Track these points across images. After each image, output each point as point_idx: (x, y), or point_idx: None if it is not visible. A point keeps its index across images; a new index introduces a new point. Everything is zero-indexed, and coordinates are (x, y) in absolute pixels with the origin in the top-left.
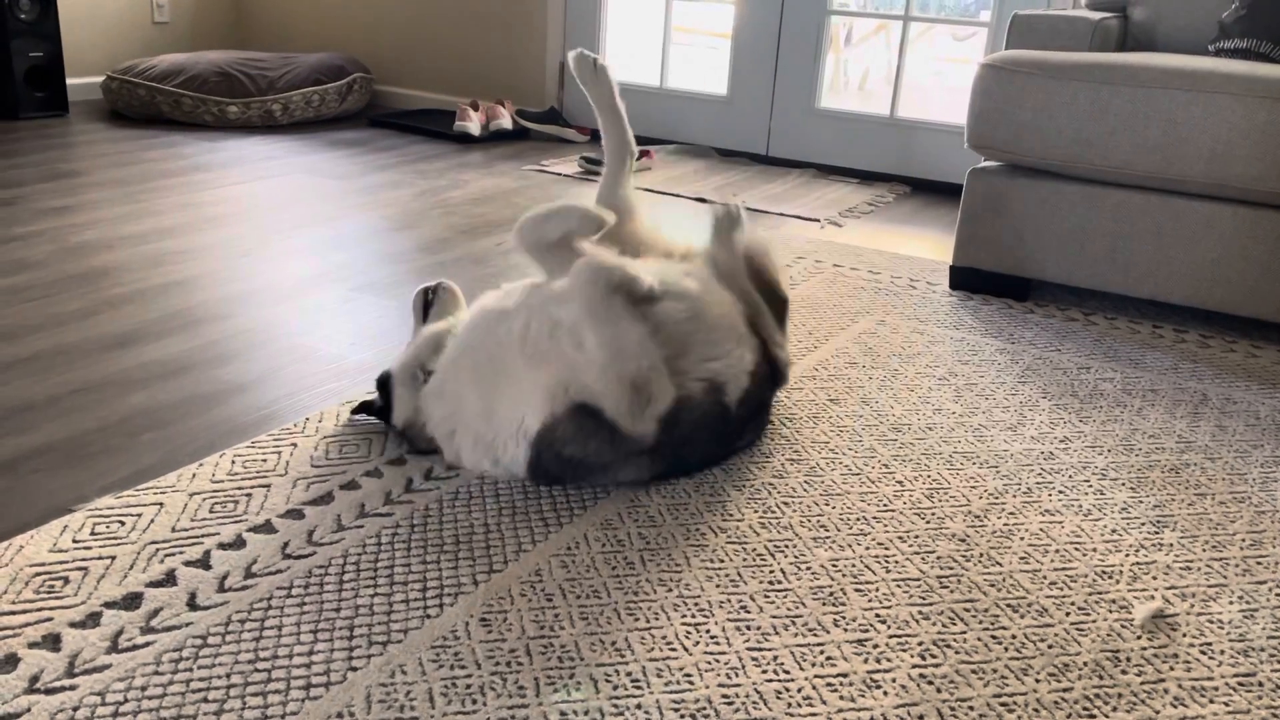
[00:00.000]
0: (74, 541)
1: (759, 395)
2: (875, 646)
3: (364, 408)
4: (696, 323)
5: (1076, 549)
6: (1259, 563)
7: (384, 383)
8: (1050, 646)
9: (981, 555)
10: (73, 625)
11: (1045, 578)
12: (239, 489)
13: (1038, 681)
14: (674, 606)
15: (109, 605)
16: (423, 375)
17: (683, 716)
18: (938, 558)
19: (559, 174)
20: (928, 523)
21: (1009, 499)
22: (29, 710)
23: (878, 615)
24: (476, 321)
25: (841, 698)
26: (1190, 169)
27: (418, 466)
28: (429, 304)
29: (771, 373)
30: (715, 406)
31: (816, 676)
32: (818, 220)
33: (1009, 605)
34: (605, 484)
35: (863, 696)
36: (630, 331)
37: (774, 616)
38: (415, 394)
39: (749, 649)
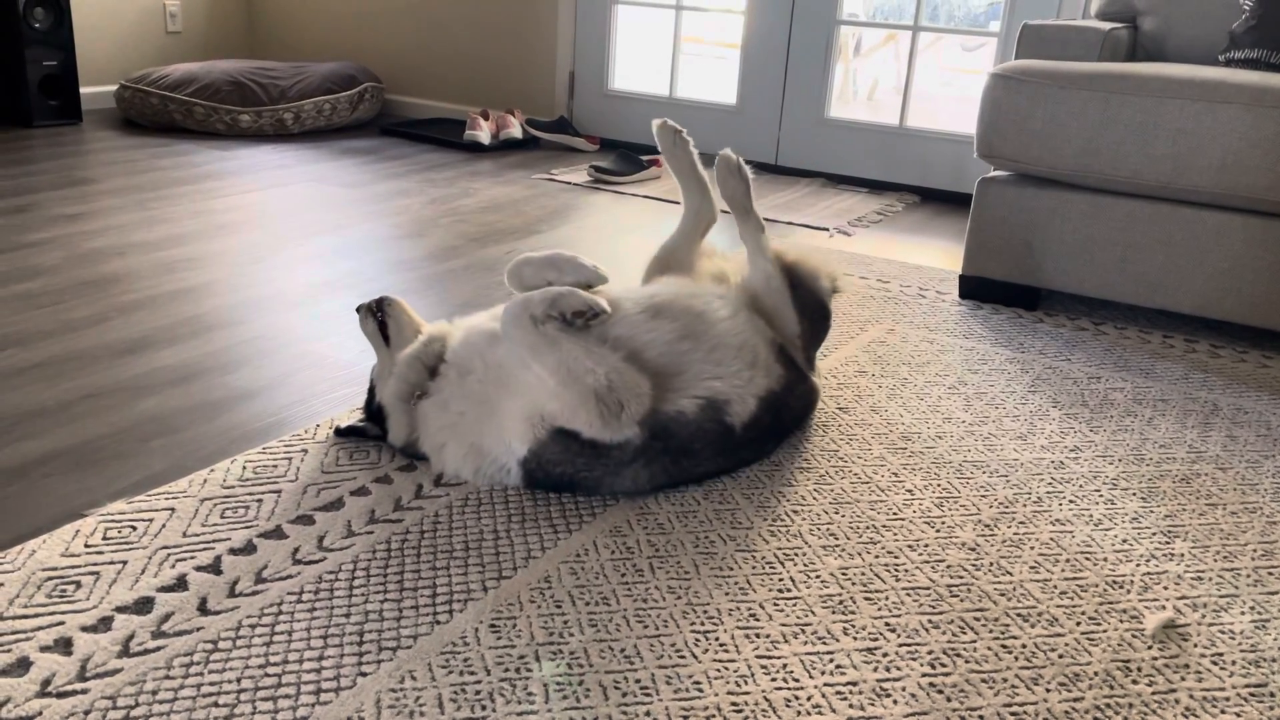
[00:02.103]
0: (86, 546)
1: (773, 420)
2: (885, 655)
3: (351, 431)
4: (694, 342)
5: (1087, 558)
6: (1270, 573)
7: (378, 413)
8: (1061, 656)
9: (992, 564)
10: (84, 629)
11: (1056, 587)
12: (250, 494)
13: (1048, 691)
14: (683, 614)
15: (120, 609)
16: (416, 398)
17: None
18: (948, 566)
19: (569, 183)
20: (937, 531)
21: (1019, 508)
22: (40, 714)
23: (887, 624)
24: (469, 342)
25: (851, 706)
26: (1200, 179)
27: (427, 473)
28: (383, 324)
29: (798, 398)
30: (714, 424)
31: (826, 685)
32: (827, 229)
33: (1019, 614)
34: (605, 494)
35: (872, 705)
36: (571, 350)
37: (783, 624)
38: (411, 415)
39: (758, 657)
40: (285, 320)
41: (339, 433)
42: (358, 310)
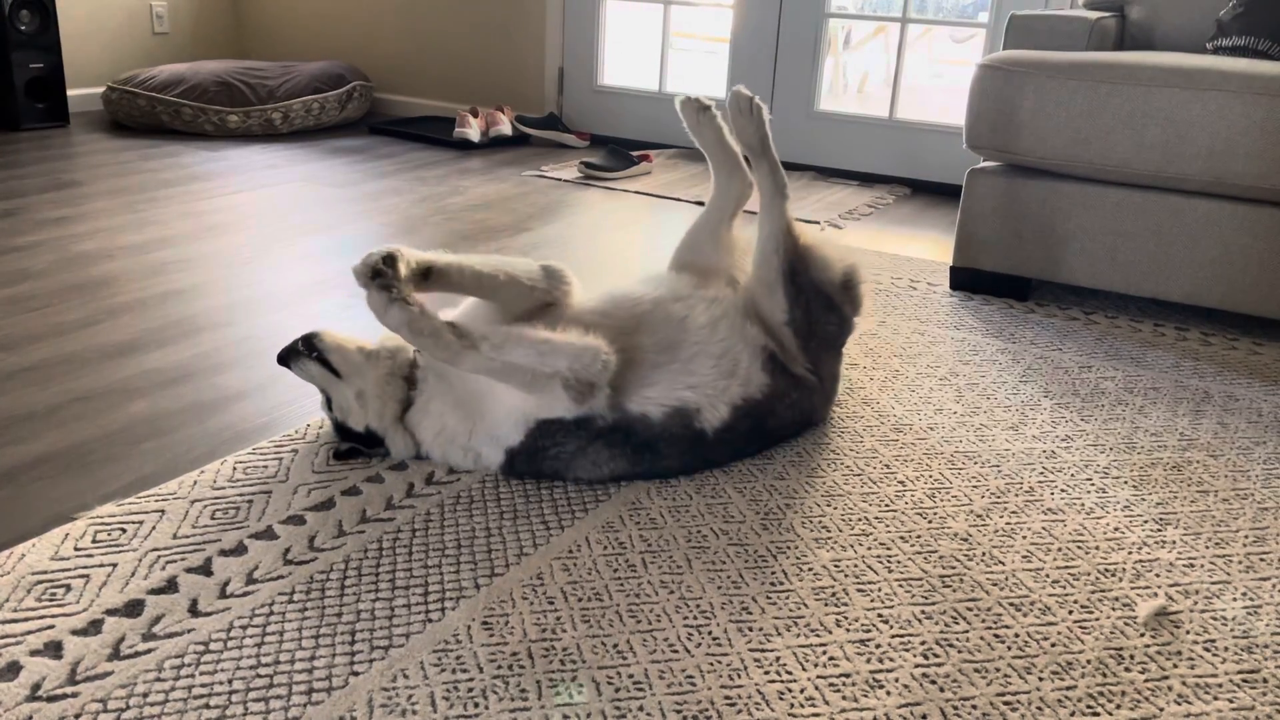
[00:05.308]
0: (76, 549)
1: (752, 427)
2: (878, 646)
3: (351, 453)
4: (671, 354)
5: (1079, 547)
6: (1262, 559)
7: (370, 437)
8: (1053, 645)
9: (984, 554)
10: (74, 633)
11: (1048, 576)
12: (240, 496)
13: (1041, 680)
14: (676, 609)
15: (111, 612)
16: (401, 413)
17: (685, 718)
18: (940, 557)
19: (559, 179)
20: (930, 522)
21: (1011, 498)
22: (31, 718)
23: (880, 615)
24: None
25: (844, 698)
26: (1189, 167)
27: (419, 472)
28: (323, 361)
29: (790, 407)
30: (683, 429)
31: (819, 677)
32: (818, 223)
33: (1012, 604)
34: (573, 475)
35: (865, 696)
36: (525, 358)
37: (776, 618)
38: (407, 433)
39: (751, 650)
40: (275, 321)
41: (339, 455)
42: (284, 360)
